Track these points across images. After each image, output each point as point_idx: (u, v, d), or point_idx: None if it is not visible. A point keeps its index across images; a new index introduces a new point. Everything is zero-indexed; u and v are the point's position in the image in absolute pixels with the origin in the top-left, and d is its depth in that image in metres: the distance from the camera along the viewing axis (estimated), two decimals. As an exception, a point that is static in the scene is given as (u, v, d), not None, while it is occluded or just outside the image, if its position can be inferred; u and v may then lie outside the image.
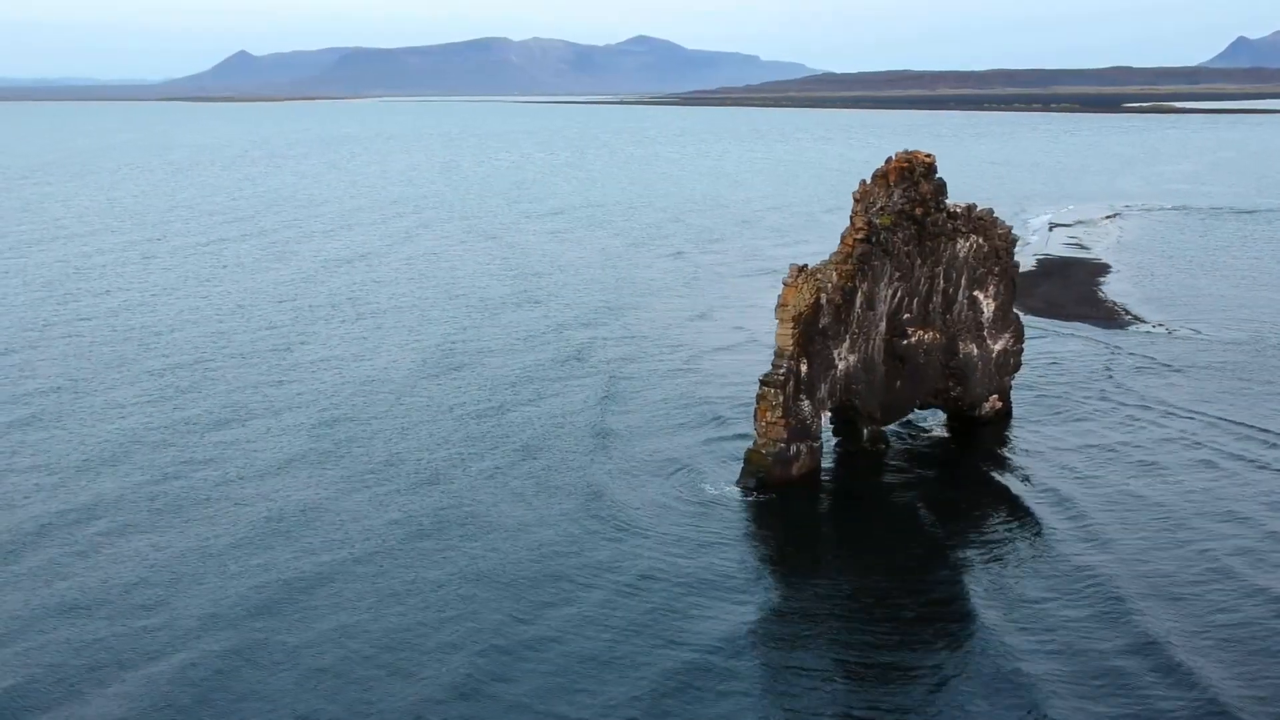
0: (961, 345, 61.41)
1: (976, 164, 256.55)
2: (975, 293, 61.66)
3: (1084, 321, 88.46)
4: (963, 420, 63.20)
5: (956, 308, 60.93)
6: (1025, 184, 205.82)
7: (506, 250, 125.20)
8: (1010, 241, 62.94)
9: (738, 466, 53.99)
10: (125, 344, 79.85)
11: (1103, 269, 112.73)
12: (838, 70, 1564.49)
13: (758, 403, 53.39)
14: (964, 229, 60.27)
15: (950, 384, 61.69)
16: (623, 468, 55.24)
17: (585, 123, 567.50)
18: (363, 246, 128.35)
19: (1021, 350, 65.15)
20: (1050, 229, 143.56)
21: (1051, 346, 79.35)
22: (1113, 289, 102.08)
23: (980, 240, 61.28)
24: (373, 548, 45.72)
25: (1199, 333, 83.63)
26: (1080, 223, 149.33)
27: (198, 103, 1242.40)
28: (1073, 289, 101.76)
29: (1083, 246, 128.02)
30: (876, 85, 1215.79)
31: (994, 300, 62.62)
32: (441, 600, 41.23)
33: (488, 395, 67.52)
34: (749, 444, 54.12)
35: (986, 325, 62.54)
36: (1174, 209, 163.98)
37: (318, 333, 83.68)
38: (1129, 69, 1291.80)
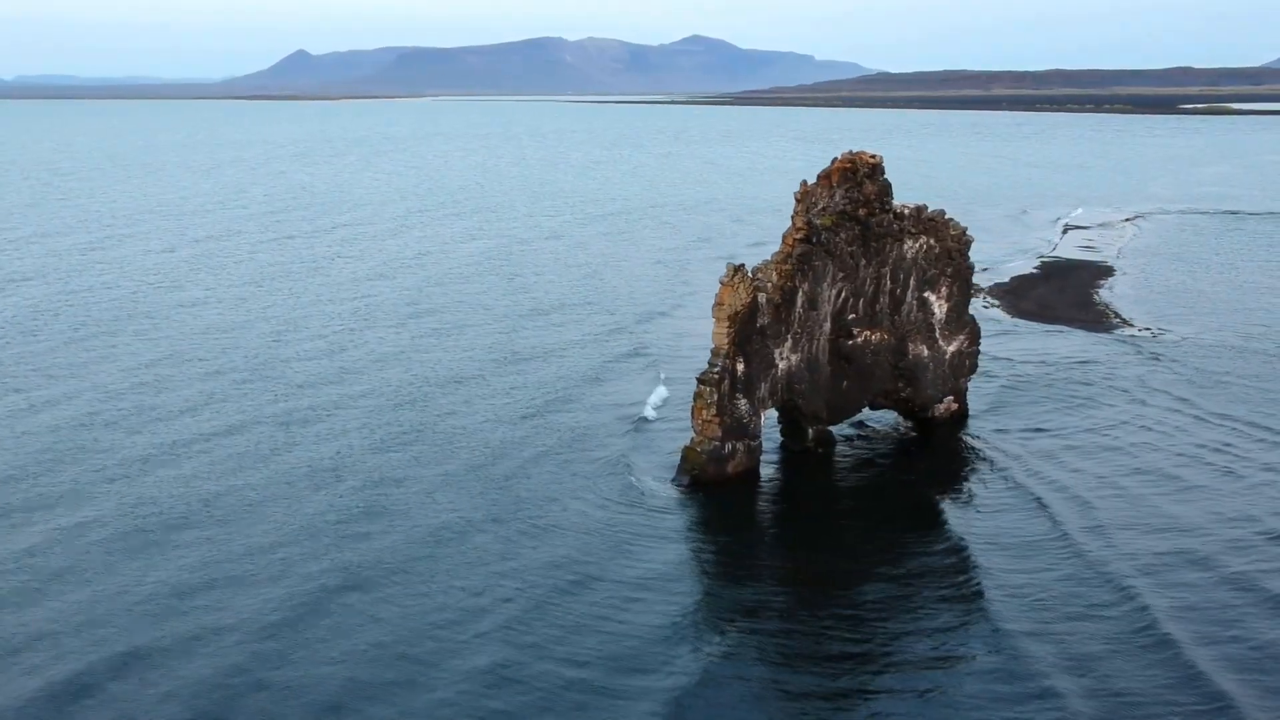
0: (911, 346, 61.45)
1: (1009, 164, 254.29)
2: (926, 294, 61.63)
3: (1071, 324, 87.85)
4: (917, 421, 63.26)
5: (905, 308, 60.97)
6: (1054, 184, 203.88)
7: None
8: (964, 243, 62.82)
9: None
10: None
11: (1106, 272, 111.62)
12: (893, 70, 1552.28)
13: (694, 401, 53.93)
14: (912, 230, 60.29)
15: (900, 385, 61.74)
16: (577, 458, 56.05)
17: (638, 122, 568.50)
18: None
19: (977, 352, 64.99)
20: (1065, 231, 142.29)
21: (1023, 346, 78.96)
22: (1110, 293, 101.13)
23: (931, 241, 61.26)
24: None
25: (1184, 337, 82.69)
26: (1097, 225, 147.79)
27: (257, 101, 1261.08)
28: (1069, 292, 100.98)
29: (1092, 249, 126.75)
30: (931, 85, 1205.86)
31: (946, 301, 62.56)
32: (388, 595, 42.32)
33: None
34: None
35: (939, 326, 62.50)
36: (1198, 212, 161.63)
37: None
38: (1190, 70, 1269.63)
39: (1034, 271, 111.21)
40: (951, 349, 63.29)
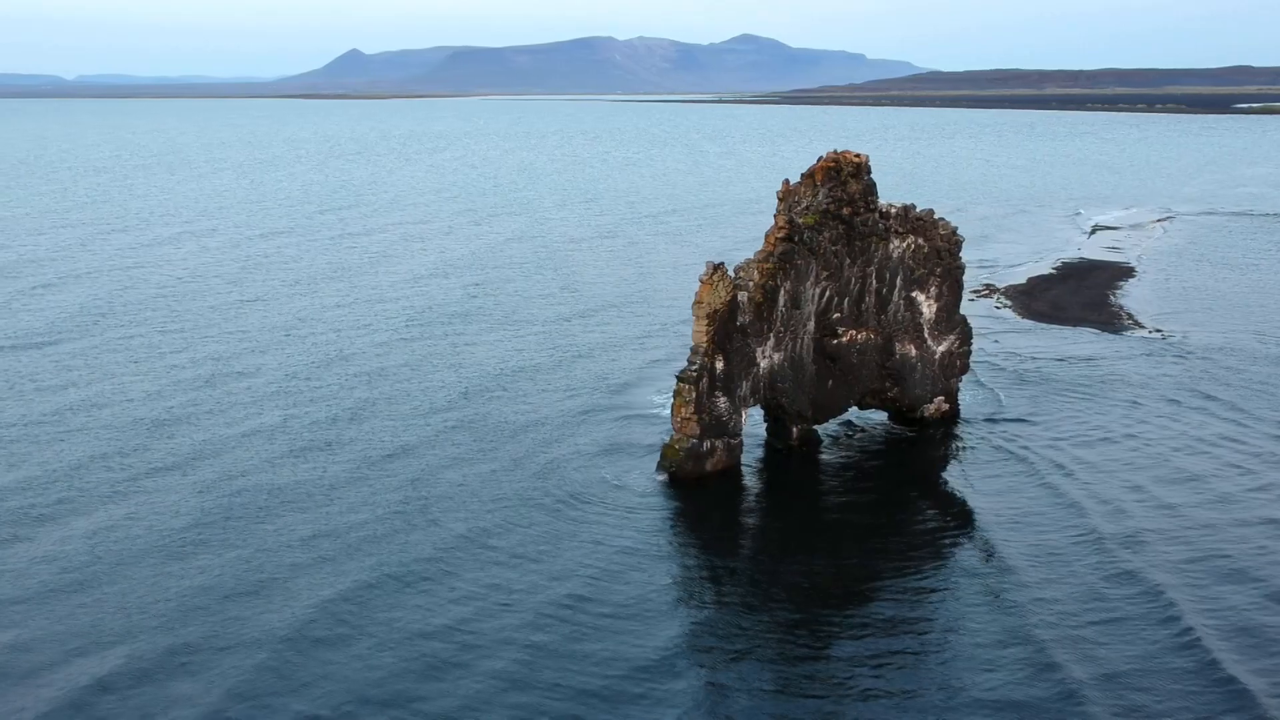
0: (899, 346, 61.28)
1: (1049, 162, 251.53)
2: (914, 293, 61.44)
3: (1082, 325, 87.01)
4: (906, 421, 63.10)
5: (892, 308, 60.82)
6: (1089, 184, 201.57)
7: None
8: (954, 242, 62.54)
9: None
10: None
11: (1127, 273, 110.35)
12: (945, 69, 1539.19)
13: (673, 398, 54.21)
14: (899, 229, 60.13)
15: (888, 385, 61.61)
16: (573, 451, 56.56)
17: (688, 121, 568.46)
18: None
19: (969, 352, 64.68)
20: (1093, 231, 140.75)
21: (1026, 346, 78.39)
22: (1127, 294, 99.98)
23: (920, 241, 61.06)
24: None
25: (1193, 340, 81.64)
26: (1129, 226, 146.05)
27: (309, 100, 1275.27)
28: (1085, 293, 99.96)
29: (1118, 250, 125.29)
30: (983, 84, 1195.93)
31: (936, 301, 62.33)
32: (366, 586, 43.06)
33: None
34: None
35: (927, 326, 62.28)
36: (1234, 214, 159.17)
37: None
38: (1248, 69, 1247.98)
39: (1051, 272, 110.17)
40: (941, 349, 63.04)
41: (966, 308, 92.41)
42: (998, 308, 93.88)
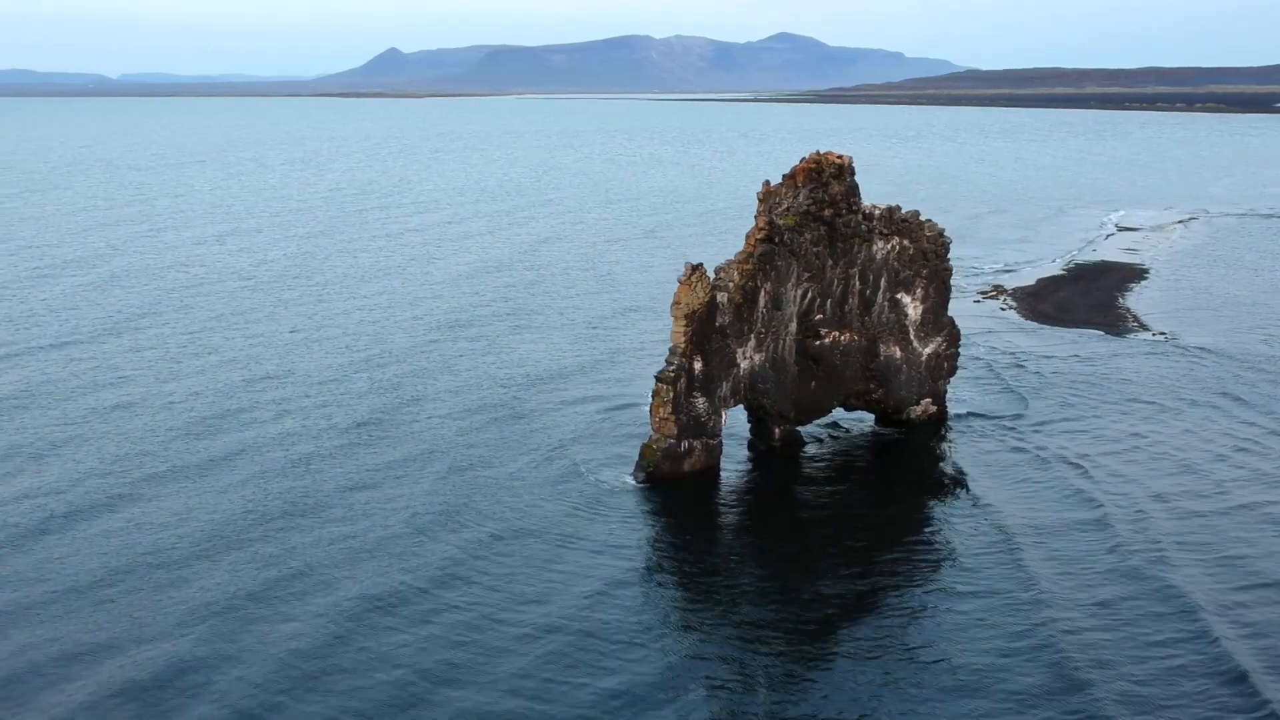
0: (883, 347, 61.20)
1: (1078, 162, 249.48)
2: (898, 295, 61.32)
3: (1086, 327, 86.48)
4: (892, 423, 62.99)
5: (876, 309, 60.76)
6: (1117, 185, 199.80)
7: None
8: (942, 244, 62.35)
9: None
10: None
11: (1139, 275, 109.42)
12: (984, 67, 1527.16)
13: (652, 399, 54.47)
14: (884, 231, 60.06)
15: (872, 386, 61.55)
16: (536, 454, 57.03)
17: (727, 120, 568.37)
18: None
19: (957, 354, 64.46)
20: (1113, 232, 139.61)
21: (1025, 348, 78.00)
22: (1136, 296, 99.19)
23: (905, 242, 60.94)
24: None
25: (1198, 342, 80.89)
26: (1150, 227, 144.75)
27: (349, 99, 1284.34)
28: (1093, 295, 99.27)
29: (1134, 251, 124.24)
30: (1021, 82, 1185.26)
31: (922, 303, 62.16)
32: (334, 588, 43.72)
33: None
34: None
35: (913, 328, 62.14)
36: (1258, 215, 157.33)
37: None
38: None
39: (1062, 273, 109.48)
40: (928, 351, 62.86)
41: (973, 309, 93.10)
42: (1003, 309, 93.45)
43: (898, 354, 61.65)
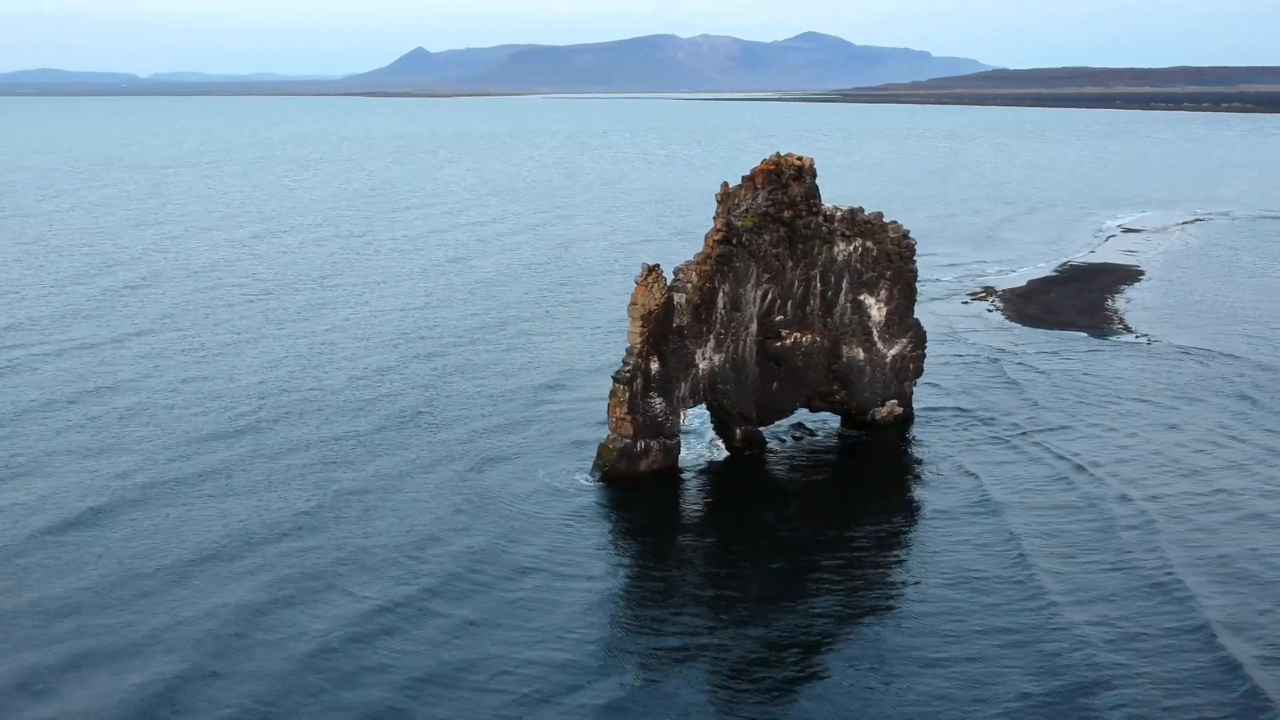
0: (845, 349, 61.43)
1: (1091, 163, 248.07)
2: (861, 296, 61.51)
3: (1070, 329, 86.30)
4: (858, 425, 63.15)
5: (838, 311, 60.97)
6: (1125, 185, 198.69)
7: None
8: (905, 246, 62.46)
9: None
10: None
11: (1133, 277, 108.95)
12: (1012, 66, 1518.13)
13: (609, 399, 54.90)
14: (845, 232, 60.28)
15: (835, 387, 61.78)
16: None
17: (756, 119, 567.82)
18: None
19: (923, 355, 64.55)
20: (1114, 234, 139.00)
21: (1004, 346, 77.97)
22: (1126, 298, 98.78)
23: (868, 244, 61.13)
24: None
25: (1178, 344, 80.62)
26: (1153, 229, 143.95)
27: (377, 98, 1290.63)
28: (1082, 296, 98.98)
29: (1132, 253, 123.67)
30: (1049, 82, 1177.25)
31: (886, 305, 62.31)
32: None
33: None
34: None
35: (877, 329, 62.31)
36: (1267, 217, 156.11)
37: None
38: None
39: (1053, 275, 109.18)
40: (893, 352, 63.00)
41: (960, 310, 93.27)
42: (989, 310, 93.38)
43: (861, 355, 61.86)
